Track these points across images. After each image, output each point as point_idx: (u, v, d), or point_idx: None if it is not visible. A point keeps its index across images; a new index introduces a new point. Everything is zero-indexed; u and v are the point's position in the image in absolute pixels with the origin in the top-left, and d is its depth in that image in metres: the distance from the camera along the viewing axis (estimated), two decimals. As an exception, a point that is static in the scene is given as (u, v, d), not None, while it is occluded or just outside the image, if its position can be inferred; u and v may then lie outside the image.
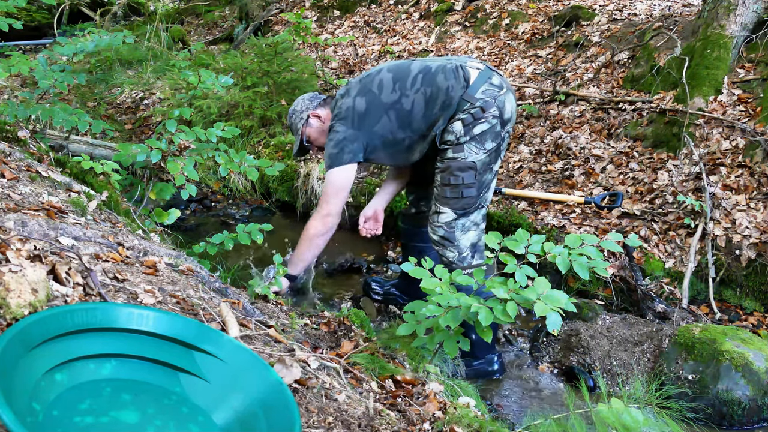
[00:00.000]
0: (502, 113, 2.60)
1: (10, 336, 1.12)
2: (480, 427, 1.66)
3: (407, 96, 2.62)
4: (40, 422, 1.10)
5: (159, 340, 1.34)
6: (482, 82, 2.60)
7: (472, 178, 2.60)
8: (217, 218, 4.30)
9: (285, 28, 6.80)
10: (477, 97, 2.57)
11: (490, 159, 2.62)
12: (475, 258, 2.65)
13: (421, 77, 2.62)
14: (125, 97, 5.90)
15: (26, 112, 2.95)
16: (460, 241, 2.64)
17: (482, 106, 2.56)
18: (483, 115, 2.56)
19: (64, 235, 1.83)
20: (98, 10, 8.30)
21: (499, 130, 2.61)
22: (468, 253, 2.65)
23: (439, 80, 2.60)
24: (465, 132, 2.57)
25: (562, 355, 2.83)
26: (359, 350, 1.87)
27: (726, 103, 4.03)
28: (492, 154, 2.63)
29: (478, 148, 2.58)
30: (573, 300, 1.67)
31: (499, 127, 2.61)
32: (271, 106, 4.69)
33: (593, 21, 5.48)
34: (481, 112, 2.56)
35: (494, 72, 2.67)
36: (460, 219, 2.63)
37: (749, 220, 3.37)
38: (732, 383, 2.47)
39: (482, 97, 2.58)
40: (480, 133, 2.57)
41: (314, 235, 2.66)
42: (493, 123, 2.58)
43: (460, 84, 2.58)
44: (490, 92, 2.59)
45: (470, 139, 2.57)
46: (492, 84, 2.60)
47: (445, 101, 2.58)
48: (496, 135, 2.60)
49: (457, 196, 2.62)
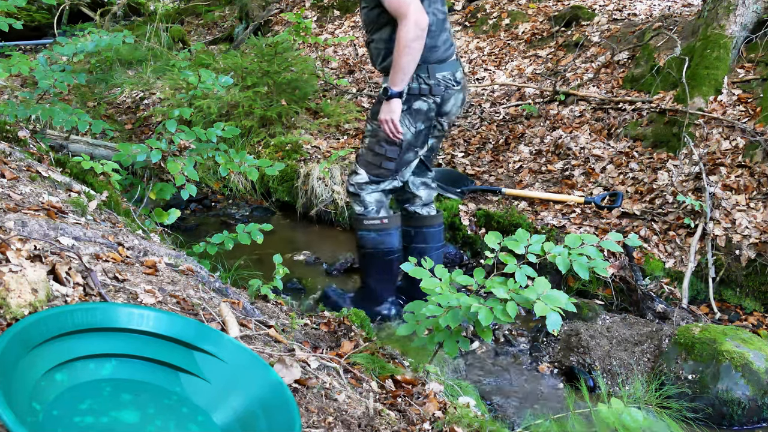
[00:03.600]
0: (442, 104, 2.70)
1: (10, 336, 1.12)
2: (480, 427, 1.66)
3: None
4: (40, 422, 1.10)
5: (159, 340, 1.35)
6: (451, 68, 2.69)
7: (395, 153, 2.73)
8: (217, 218, 4.30)
9: (285, 28, 6.79)
10: (437, 75, 2.65)
11: (416, 140, 2.73)
12: (380, 212, 2.84)
13: None
14: (125, 97, 5.90)
15: (26, 112, 2.95)
16: (366, 198, 2.82)
17: (432, 86, 2.65)
18: (428, 94, 2.65)
19: (64, 235, 1.83)
20: (98, 10, 8.29)
21: (432, 117, 2.71)
22: (373, 208, 2.83)
23: (446, 26, 2.68)
24: (405, 100, 2.65)
25: (562, 355, 2.83)
26: (359, 350, 1.87)
27: (726, 103, 4.03)
28: (420, 136, 2.73)
29: (410, 125, 2.69)
30: (573, 300, 1.67)
31: (434, 114, 2.71)
32: (271, 106, 4.69)
33: (593, 21, 5.48)
34: (428, 90, 2.64)
35: (461, 68, 2.78)
36: (371, 184, 2.81)
37: (749, 220, 3.37)
38: (732, 383, 2.47)
39: (439, 78, 2.66)
40: (417, 109, 2.67)
41: (411, 40, 2.48)
42: (431, 106, 2.68)
43: (446, 49, 2.67)
44: (448, 80, 2.68)
45: (407, 109, 2.66)
46: (454, 75, 2.70)
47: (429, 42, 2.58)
48: (428, 119, 2.70)
49: (376, 164, 2.77)
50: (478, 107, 5.06)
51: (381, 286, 2.93)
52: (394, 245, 2.87)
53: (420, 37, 2.50)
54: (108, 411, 1.20)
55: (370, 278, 2.96)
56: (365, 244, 2.88)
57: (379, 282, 2.94)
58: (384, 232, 2.84)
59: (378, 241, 2.85)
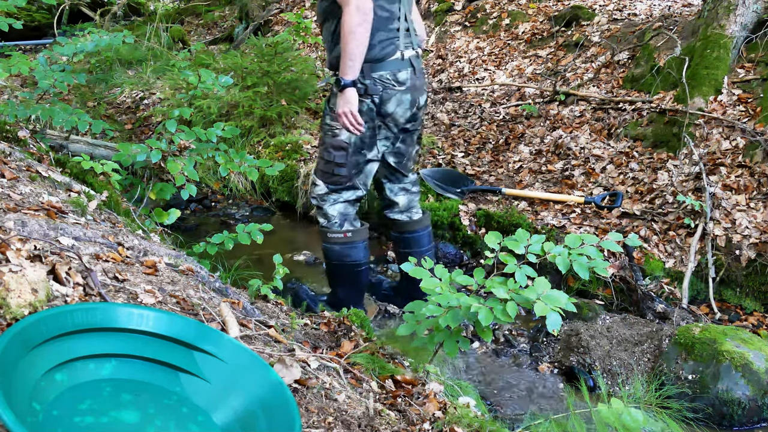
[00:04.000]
0: (381, 104, 2.61)
1: (10, 336, 1.12)
2: (480, 427, 1.66)
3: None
4: (40, 422, 1.10)
5: (159, 340, 1.35)
6: (390, 68, 2.59)
7: (343, 158, 2.68)
8: (217, 218, 4.30)
9: (285, 28, 6.80)
10: (373, 75, 2.57)
11: (362, 143, 2.67)
12: (344, 225, 2.79)
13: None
14: (125, 97, 5.90)
15: (26, 112, 2.95)
16: (328, 210, 2.78)
17: (368, 86, 2.58)
18: (364, 93, 2.58)
19: (64, 235, 1.83)
20: (98, 10, 8.29)
21: (374, 117, 2.63)
22: (336, 221, 2.79)
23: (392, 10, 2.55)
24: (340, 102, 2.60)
25: (562, 355, 2.83)
26: (359, 350, 1.87)
27: (726, 103, 4.03)
28: (365, 138, 2.66)
29: None
30: (573, 300, 1.67)
31: (374, 114, 2.62)
32: (271, 106, 4.69)
33: (593, 21, 5.48)
34: (363, 89, 2.58)
35: (412, 67, 2.63)
36: (331, 194, 2.76)
37: (749, 220, 3.37)
38: (732, 383, 2.47)
39: (375, 78, 2.58)
40: (358, 109, 2.58)
41: (355, 25, 2.43)
42: (369, 106, 2.61)
43: (382, 48, 2.55)
44: (386, 80, 2.59)
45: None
46: (395, 75, 2.60)
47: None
48: (370, 119, 2.63)
49: (329, 172, 2.73)
50: (478, 107, 5.07)
51: (348, 296, 2.89)
52: (359, 258, 2.83)
53: (365, 21, 2.43)
54: (108, 411, 1.20)
55: (338, 288, 2.95)
56: (330, 256, 2.85)
57: (347, 293, 2.92)
58: (348, 245, 2.80)
59: (343, 255, 2.82)
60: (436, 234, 3.77)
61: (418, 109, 2.76)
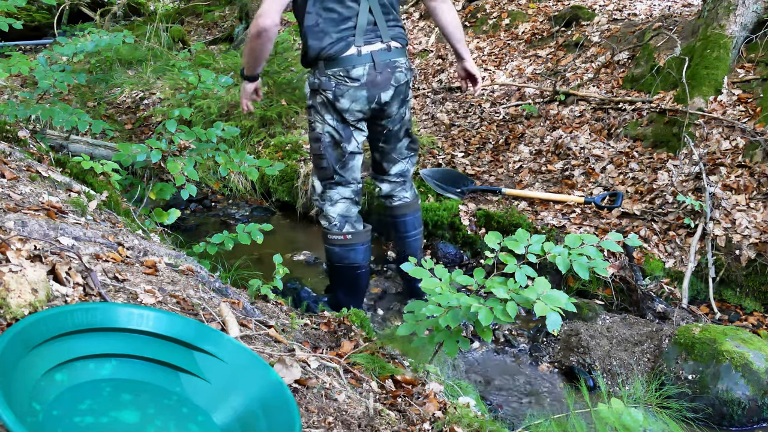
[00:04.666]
0: (335, 101, 2.63)
1: (10, 336, 1.12)
2: (480, 427, 1.66)
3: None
4: (40, 422, 1.10)
5: (159, 340, 1.35)
6: (343, 65, 2.59)
7: (319, 149, 2.73)
8: (217, 218, 4.30)
9: (285, 28, 6.79)
10: (326, 71, 2.61)
11: (338, 135, 2.69)
12: (344, 228, 2.80)
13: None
14: (125, 97, 5.90)
15: (26, 112, 2.95)
16: (329, 211, 2.79)
17: (323, 82, 2.62)
18: (318, 89, 2.65)
19: (64, 235, 1.83)
20: (98, 10, 8.30)
21: (334, 111, 2.66)
22: (336, 223, 2.79)
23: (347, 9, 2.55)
24: (310, 96, 2.70)
25: (562, 355, 2.83)
26: (359, 350, 1.87)
27: (726, 103, 4.03)
28: (338, 130, 2.68)
29: (321, 120, 2.69)
30: (573, 300, 1.67)
31: (332, 108, 2.65)
32: (271, 106, 4.69)
33: (593, 21, 5.48)
34: (318, 84, 2.64)
35: (372, 62, 2.59)
36: (326, 191, 2.78)
37: (749, 220, 3.37)
38: (732, 383, 2.47)
39: (329, 74, 2.60)
40: (320, 103, 2.66)
41: (251, 38, 2.55)
42: (324, 100, 2.66)
43: (332, 46, 2.55)
44: (339, 77, 2.60)
45: (312, 105, 2.70)
46: (348, 72, 2.58)
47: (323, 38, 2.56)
48: (335, 112, 2.67)
49: (316, 166, 2.80)
50: (478, 107, 5.07)
51: (348, 298, 2.90)
52: (358, 260, 2.84)
53: (258, 36, 2.50)
54: (108, 411, 1.20)
55: (338, 290, 2.97)
56: (331, 258, 2.87)
57: (347, 294, 2.93)
58: (347, 247, 2.81)
59: (342, 256, 2.83)
60: (436, 234, 3.77)
61: (380, 105, 2.69)
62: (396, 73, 2.67)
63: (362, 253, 2.84)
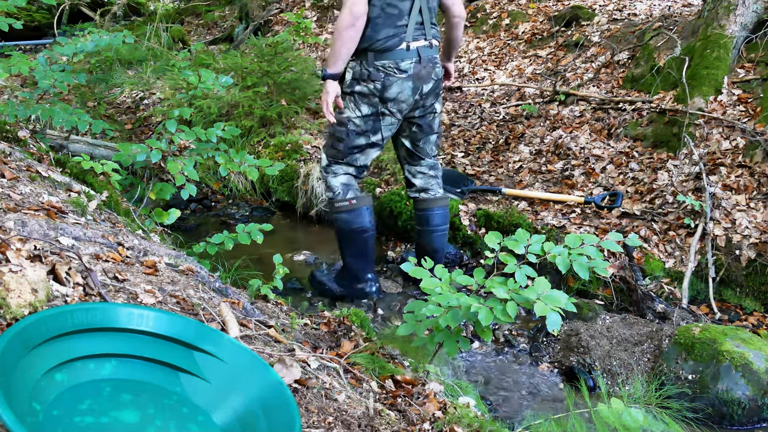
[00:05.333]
0: (384, 91, 2.82)
1: (10, 336, 1.12)
2: (480, 427, 1.66)
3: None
4: (41, 422, 1.10)
5: (159, 340, 1.35)
6: (392, 58, 2.79)
7: (343, 134, 2.91)
8: (217, 218, 4.30)
9: (285, 28, 6.79)
10: (376, 63, 2.78)
11: (366, 126, 2.90)
12: (348, 194, 3.01)
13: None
14: (125, 97, 5.90)
15: (26, 112, 2.95)
16: (332, 182, 3.03)
17: (371, 72, 2.78)
18: (366, 78, 2.81)
19: (64, 235, 1.83)
20: (98, 10, 8.29)
21: (376, 102, 2.84)
22: (340, 191, 3.01)
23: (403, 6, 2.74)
24: (350, 84, 2.83)
25: (562, 355, 2.83)
26: (359, 350, 1.87)
27: (726, 103, 4.03)
28: (368, 122, 2.88)
29: (354, 108, 2.86)
30: (573, 300, 1.67)
31: (377, 99, 2.84)
32: (271, 106, 4.69)
33: (593, 21, 5.48)
34: (367, 75, 2.79)
35: (418, 57, 2.81)
36: (332, 166, 3.01)
37: (749, 220, 3.37)
38: (732, 383, 2.47)
39: (378, 66, 2.78)
40: (359, 92, 2.83)
41: (344, 28, 2.66)
42: (371, 91, 2.81)
43: (386, 41, 2.75)
44: (388, 68, 2.79)
45: (351, 92, 2.85)
46: (397, 64, 2.79)
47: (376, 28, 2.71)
48: (372, 104, 2.84)
49: (329, 144, 2.99)
50: (478, 107, 5.07)
51: (358, 264, 3.13)
52: (365, 223, 3.05)
53: (353, 24, 2.66)
54: (108, 411, 1.20)
55: (348, 257, 3.14)
56: (339, 225, 3.07)
57: (356, 260, 3.13)
58: (354, 212, 3.02)
59: (349, 221, 3.03)
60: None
61: (421, 96, 2.93)
62: (436, 68, 2.95)
63: (368, 216, 3.06)
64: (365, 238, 3.07)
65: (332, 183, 3.02)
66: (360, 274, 3.17)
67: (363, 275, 3.18)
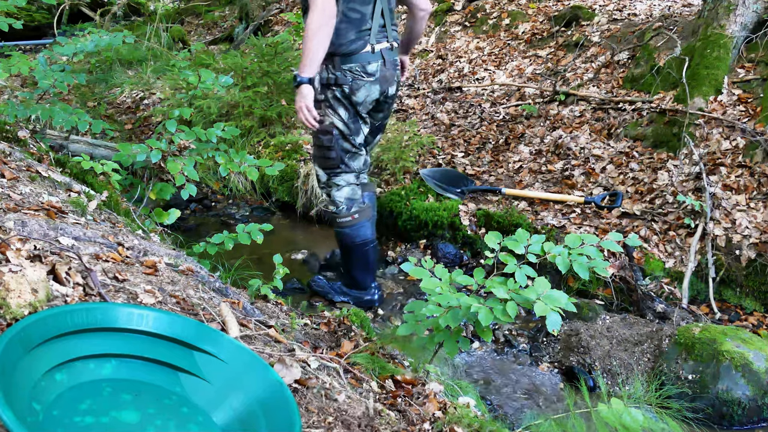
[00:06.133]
0: (351, 95, 2.79)
1: (10, 336, 1.12)
2: (480, 427, 1.66)
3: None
4: (41, 422, 1.10)
5: (159, 340, 1.35)
6: (359, 61, 2.76)
7: (330, 141, 2.87)
8: (217, 218, 4.30)
9: (285, 28, 6.79)
10: (343, 67, 2.76)
11: (348, 129, 2.87)
12: (352, 209, 3.01)
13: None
14: (125, 97, 5.90)
15: (26, 112, 2.95)
16: (336, 196, 3.00)
17: (338, 76, 2.76)
18: (334, 83, 2.77)
19: (64, 235, 1.83)
20: (98, 10, 8.29)
21: (347, 104, 2.82)
22: (344, 207, 3.01)
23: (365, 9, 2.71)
24: (321, 90, 2.80)
25: (562, 355, 2.83)
26: (359, 350, 1.87)
27: (726, 103, 4.02)
28: (350, 124, 2.85)
29: (333, 113, 2.83)
30: (573, 300, 1.67)
31: (347, 102, 2.81)
32: (271, 106, 4.69)
33: (593, 21, 5.48)
34: (334, 79, 2.77)
35: (382, 59, 2.80)
36: (332, 179, 2.98)
37: (749, 220, 3.37)
38: (732, 383, 2.47)
39: (345, 69, 2.76)
40: (333, 97, 2.80)
41: (317, 28, 2.58)
42: (340, 95, 2.79)
43: (351, 43, 2.73)
44: (355, 71, 2.77)
45: (324, 99, 2.81)
46: (364, 67, 2.77)
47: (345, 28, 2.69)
48: (348, 107, 2.82)
49: (321, 156, 2.95)
50: (478, 107, 5.06)
51: (363, 275, 3.16)
52: (367, 236, 3.07)
53: (326, 24, 2.59)
54: (108, 411, 1.20)
55: (353, 269, 3.16)
56: (343, 239, 3.09)
57: (361, 271, 3.16)
58: (356, 226, 3.04)
59: (353, 236, 3.05)
60: (436, 234, 3.77)
61: (386, 98, 2.94)
62: (396, 70, 2.95)
63: (369, 228, 3.09)
64: (367, 250, 3.10)
65: (336, 198, 3.01)
66: (363, 284, 3.21)
67: (366, 284, 3.21)
